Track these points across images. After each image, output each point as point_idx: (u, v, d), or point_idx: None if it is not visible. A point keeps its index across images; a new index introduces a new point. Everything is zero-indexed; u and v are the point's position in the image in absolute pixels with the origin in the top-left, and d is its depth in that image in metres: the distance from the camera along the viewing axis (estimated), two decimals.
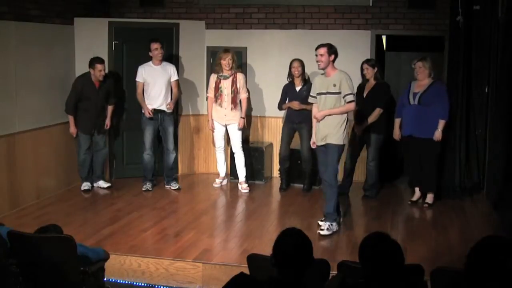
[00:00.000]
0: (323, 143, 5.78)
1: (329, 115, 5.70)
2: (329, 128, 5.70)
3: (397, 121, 6.81)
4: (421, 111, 6.50)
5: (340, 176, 7.02)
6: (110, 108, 7.37)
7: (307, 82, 7.25)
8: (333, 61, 5.73)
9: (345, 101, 5.66)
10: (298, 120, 7.23)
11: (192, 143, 8.29)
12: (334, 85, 5.68)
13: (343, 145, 5.78)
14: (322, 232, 5.65)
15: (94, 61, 7.00)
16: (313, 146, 6.01)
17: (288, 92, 7.35)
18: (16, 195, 6.50)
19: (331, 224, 5.72)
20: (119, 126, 7.82)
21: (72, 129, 7.15)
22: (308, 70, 7.35)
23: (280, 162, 7.54)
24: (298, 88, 7.28)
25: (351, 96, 5.65)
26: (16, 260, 3.91)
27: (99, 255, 4.18)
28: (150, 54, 7.19)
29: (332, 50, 5.68)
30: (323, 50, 5.67)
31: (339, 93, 5.66)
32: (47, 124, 7.01)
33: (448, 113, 6.52)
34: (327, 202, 5.80)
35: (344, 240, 5.68)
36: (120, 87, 7.71)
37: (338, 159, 5.78)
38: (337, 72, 5.72)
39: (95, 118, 7.22)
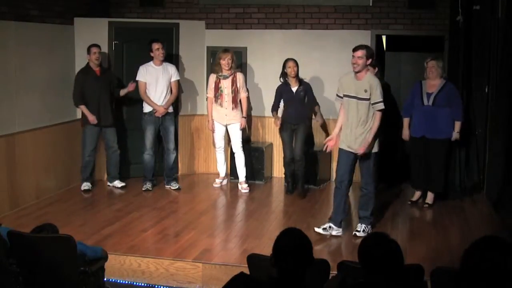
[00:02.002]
0: (352, 150, 5.58)
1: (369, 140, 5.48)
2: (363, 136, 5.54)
3: (406, 121, 6.76)
4: (434, 112, 6.48)
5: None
6: (122, 91, 7.38)
7: (302, 82, 7.14)
8: (369, 65, 5.56)
9: (373, 108, 5.49)
10: (296, 122, 7.11)
11: (192, 143, 8.28)
12: (365, 91, 5.46)
13: (378, 152, 5.65)
14: (358, 234, 5.64)
15: (90, 46, 7.10)
16: (330, 145, 5.75)
17: (283, 93, 7.14)
18: (16, 195, 6.50)
19: (367, 227, 5.70)
20: (119, 127, 7.81)
21: (91, 117, 7.08)
22: (308, 71, 7.33)
23: (286, 165, 7.29)
24: (294, 89, 7.08)
25: (381, 104, 5.47)
26: (16, 260, 3.91)
27: (96, 253, 4.18)
28: (152, 54, 7.20)
29: (369, 53, 5.48)
30: (361, 53, 5.43)
31: (370, 99, 5.48)
32: (47, 124, 7.01)
33: (462, 114, 6.51)
34: (362, 207, 5.78)
35: (344, 240, 5.68)
36: (120, 87, 7.71)
37: (374, 166, 5.67)
38: (368, 76, 5.50)
39: (102, 108, 7.15)
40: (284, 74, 7.08)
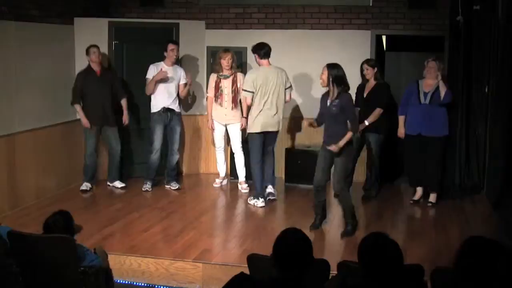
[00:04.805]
0: None
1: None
2: None
3: (402, 119, 6.78)
4: (431, 110, 6.52)
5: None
6: (123, 103, 7.33)
7: (340, 95, 5.52)
8: (261, 57, 6.65)
9: None
10: (328, 142, 5.64)
11: (192, 143, 8.28)
12: None
13: (252, 133, 6.71)
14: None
15: (89, 47, 7.08)
16: None
17: (321, 102, 5.79)
18: (16, 195, 6.50)
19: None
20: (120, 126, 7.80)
21: (84, 120, 7.10)
22: (308, 71, 7.29)
23: (314, 193, 5.90)
24: (329, 102, 5.62)
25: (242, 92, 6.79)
26: (16, 260, 3.91)
27: (92, 261, 4.10)
28: (165, 54, 7.21)
29: (253, 49, 6.73)
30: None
31: None
32: (47, 124, 7.01)
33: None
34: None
35: (344, 240, 5.68)
36: (122, 87, 7.69)
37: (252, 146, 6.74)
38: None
39: (102, 109, 7.16)
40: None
